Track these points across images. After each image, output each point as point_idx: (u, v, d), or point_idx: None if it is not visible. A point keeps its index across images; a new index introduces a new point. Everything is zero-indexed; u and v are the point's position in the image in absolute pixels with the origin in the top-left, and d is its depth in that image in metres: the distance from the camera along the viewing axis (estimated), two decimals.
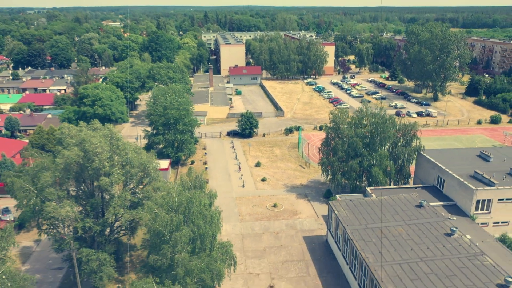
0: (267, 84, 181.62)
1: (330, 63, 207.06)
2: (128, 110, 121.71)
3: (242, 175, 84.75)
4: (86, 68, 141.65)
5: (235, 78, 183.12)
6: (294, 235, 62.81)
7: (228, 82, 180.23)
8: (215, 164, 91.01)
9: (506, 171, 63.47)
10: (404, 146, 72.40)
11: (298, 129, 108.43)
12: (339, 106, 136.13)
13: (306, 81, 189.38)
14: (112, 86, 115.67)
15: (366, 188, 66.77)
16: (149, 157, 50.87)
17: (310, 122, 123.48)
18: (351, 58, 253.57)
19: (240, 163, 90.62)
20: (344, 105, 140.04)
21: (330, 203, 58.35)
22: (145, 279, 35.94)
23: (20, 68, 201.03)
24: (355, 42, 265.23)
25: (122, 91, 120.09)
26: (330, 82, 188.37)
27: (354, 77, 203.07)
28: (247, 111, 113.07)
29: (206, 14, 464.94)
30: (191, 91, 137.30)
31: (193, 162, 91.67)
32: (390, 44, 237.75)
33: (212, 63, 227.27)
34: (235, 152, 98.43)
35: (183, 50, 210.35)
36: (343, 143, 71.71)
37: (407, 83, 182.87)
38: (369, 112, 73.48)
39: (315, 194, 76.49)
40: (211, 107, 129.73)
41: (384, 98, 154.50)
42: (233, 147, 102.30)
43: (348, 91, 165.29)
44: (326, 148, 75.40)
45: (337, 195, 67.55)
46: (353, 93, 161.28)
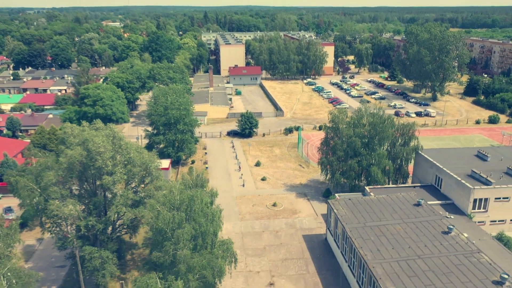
0: (266, 84, 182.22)
1: (330, 63, 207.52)
2: (128, 110, 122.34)
3: (242, 175, 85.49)
4: (87, 69, 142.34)
5: (235, 78, 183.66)
6: (293, 234, 63.54)
7: (228, 82, 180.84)
8: (215, 164, 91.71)
9: (503, 170, 64.19)
10: (402, 146, 73.15)
11: (298, 129, 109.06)
12: (338, 106, 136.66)
13: (305, 81, 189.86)
14: (112, 86, 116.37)
15: (365, 187, 67.37)
16: (150, 156, 51.54)
17: (310, 122, 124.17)
18: (350, 58, 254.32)
19: (240, 163, 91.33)
20: (343, 105, 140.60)
21: (329, 202, 59.04)
22: (148, 274, 36.67)
23: (21, 68, 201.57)
24: (355, 42, 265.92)
25: (123, 91, 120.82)
26: (330, 82, 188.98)
27: (353, 77, 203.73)
28: (247, 111, 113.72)
29: (206, 14, 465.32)
30: (191, 91, 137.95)
31: (193, 162, 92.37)
32: (389, 44, 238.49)
33: (212, 63, 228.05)
34: (235, 152, 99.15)
35: (183, 50, 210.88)
36: (342, 143, 72.41)
37: (406, 83, 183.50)
38: (368, 112, 74.17)
39: (314, 193, 77.22)
40: (211, 107, 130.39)
41: (383, 98, 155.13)
42: (233, 146, 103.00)
43: (348, 91, 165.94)
44: (325, 147, 76.10)
45: (336, 194, 68.21)
46: (352, 93, 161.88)
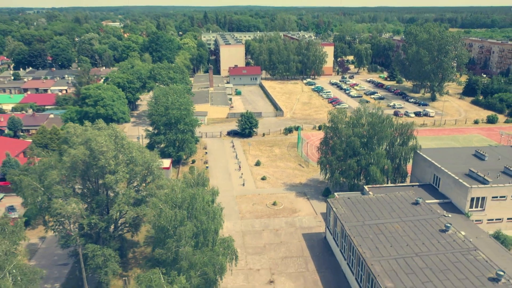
0: (266, 84, 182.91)
1: (329, 63, 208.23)
2: (129, 110, 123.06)
3: (242, 174, 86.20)
4: (87, 69, 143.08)
5: (235, 79, 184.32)
6: (293, 232, 64.26)
7: (228, 82, 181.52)
8: (216, 163, 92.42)
9: (500, 169, 64.95)
10: (401, 145, 73.84)
11: (297, 128, 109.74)
12: (338, 106, 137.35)
13: (305, 81, 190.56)
14: (113, 86, 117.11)
15: (364, 186, 68.12)
16: (152, 155, 52.27)
17: (309, 122, 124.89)
18: (350, 58, 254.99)
19: (240, 162, 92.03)
20: (343, 105, 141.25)
21: (329, 201, 59.76)
22: (152, 270, 37.41)
23: (21, 69, 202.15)
24: (354, 43, 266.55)
25: (124, 91, 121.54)
26: (329, 82, 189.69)
27: (353, 77, 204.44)
28: (247, 111, 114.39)
29: (205, 14, 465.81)
30: (191, 91, 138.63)
31: (194, 161, 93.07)
32: (388, 44, 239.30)
33: (212, 64, 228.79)
34: (235, 152, 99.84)
35: (183, 51, 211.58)
36: (341, 143, 73.11)
37: (405, 83, 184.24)
38: (366, 112, 74.83)
39: (314, 192, 77.95)
40: (211, 107, 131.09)
41: (382, 98, 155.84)
42: (233, 146, 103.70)
43: (347, 91, 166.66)
44: (324, 147, 76.79)
45: (335, 193, 68.95)
46: (352, 93, 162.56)
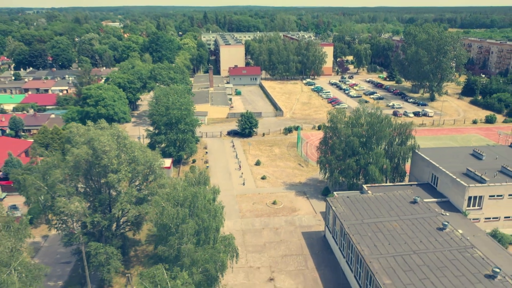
0: (266, 84, 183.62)
1: (329, 63, 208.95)
2: (130, 110, 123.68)
3: (242, 173, 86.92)
4: (88, 69, 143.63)
5: (235, 79, 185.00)
6: (293, 231, 65.00)
7: (228, 83, 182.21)
8: (216, 163, 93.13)
9: (497, 168, 65.67)
10: (399, 145, 74.57)
11: (297, 128, 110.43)
12: (337, 106, 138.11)
13: (305, 81, 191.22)
14: (114, 86, 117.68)
15: (363, 185, 68.82)
16: (154, 155, 52.94)
17: (309, 122, 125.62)
18: (349, 58, 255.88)
19: (240, 162, 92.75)
20: (342, 105, 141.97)
21: (328, 200, 60.49)
22: (155, 266, 38.14)
23: (22, 69, 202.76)
24: (354, 43, 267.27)
25: (124, 92, 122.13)
26: (329, 83, 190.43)
27: (352, 77, 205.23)
28: (247, 111, 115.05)
29: (205, 14, 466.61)
30: (191, 91, 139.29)
31: (194, 161, 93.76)
32: (388, 44, 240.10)
33: (212, 64, 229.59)
34: (235, 151, 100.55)
35: (183, 51, 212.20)
36: (340, 142, 73.81)
37: (404, 83, 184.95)
38: (365, 112, 75.51)
39: (313, 191, 78.69)
40: (211, 107, 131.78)
41: (381, 98, 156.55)
42: (233, 146, 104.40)
43: (347, 91, 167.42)
44: (324, 147, 77.49)
45: (334, 192, 69.56)
46: (351, 93, 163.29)
